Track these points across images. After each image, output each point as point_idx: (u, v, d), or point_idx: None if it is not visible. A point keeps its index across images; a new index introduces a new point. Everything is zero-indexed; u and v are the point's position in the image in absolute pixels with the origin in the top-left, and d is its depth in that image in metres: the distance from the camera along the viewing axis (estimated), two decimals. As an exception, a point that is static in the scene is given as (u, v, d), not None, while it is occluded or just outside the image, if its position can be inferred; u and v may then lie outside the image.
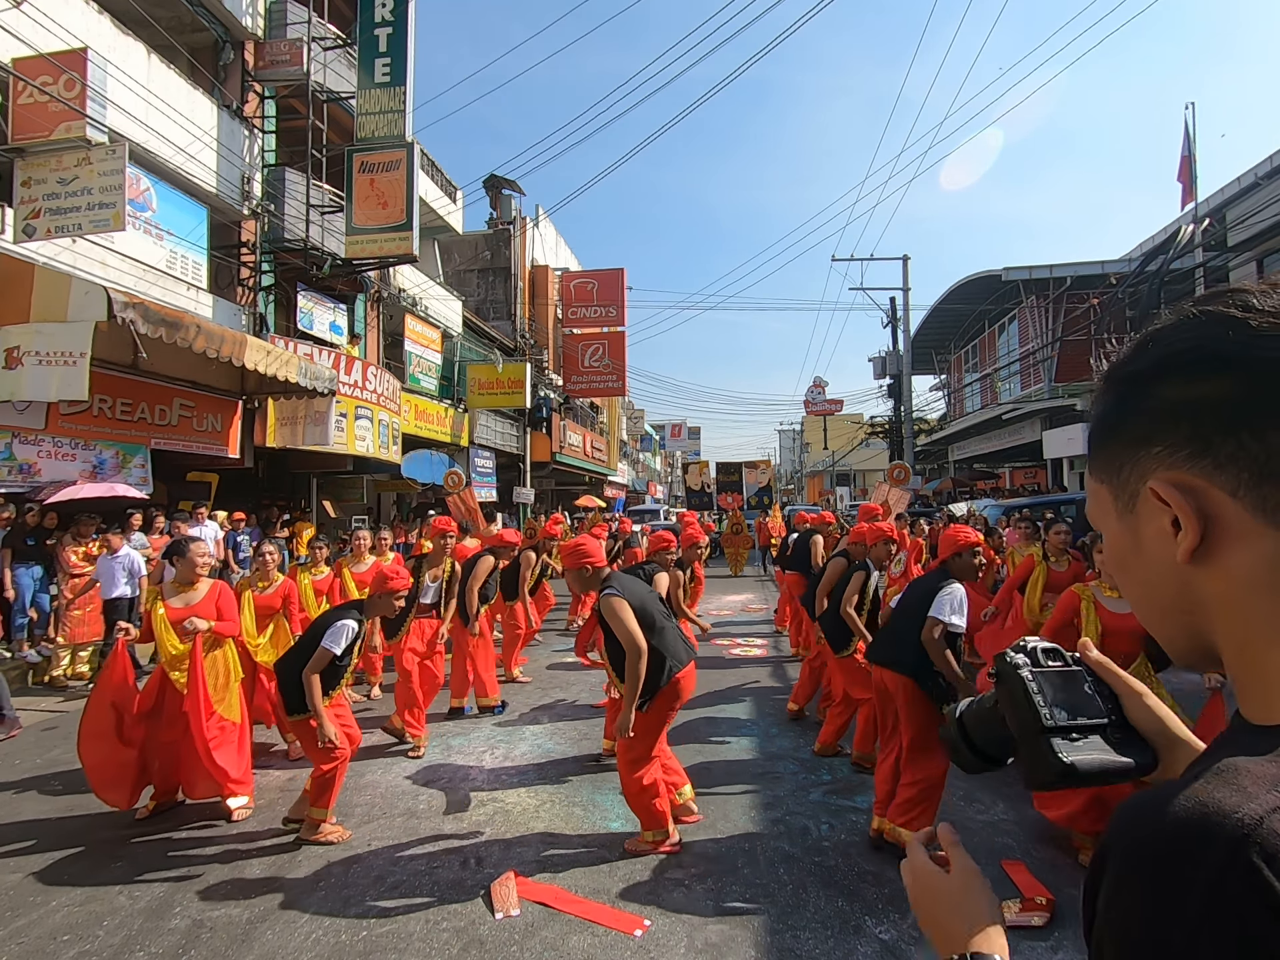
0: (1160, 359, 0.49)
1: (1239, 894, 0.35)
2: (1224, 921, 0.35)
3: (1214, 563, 0.47)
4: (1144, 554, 0.51)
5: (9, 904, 3.01)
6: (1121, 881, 0.41)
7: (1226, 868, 0.36)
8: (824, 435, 38.18)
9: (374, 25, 12.12)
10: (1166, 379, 0.48)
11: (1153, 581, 0.52)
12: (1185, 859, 0.37)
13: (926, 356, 26.61)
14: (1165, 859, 0.38)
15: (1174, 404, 0.47)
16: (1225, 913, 0.35)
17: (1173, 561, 0.48)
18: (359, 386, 12.07)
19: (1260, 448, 0.43)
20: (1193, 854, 0.37)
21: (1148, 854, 0.40)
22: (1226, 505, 0.45)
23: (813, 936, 2.72)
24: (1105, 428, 0.53)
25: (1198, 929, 0.36)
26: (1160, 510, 0.48)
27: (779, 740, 4.97)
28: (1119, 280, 12.82)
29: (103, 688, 3.72)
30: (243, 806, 3.84)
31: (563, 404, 23.96)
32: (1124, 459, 0.51)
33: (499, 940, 2.72)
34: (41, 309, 6.73)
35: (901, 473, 15.57)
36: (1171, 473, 0.47)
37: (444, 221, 16.27)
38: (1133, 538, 0.52)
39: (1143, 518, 0.51)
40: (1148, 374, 0.49)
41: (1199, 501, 0.46)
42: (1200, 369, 0.46)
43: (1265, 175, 11.57)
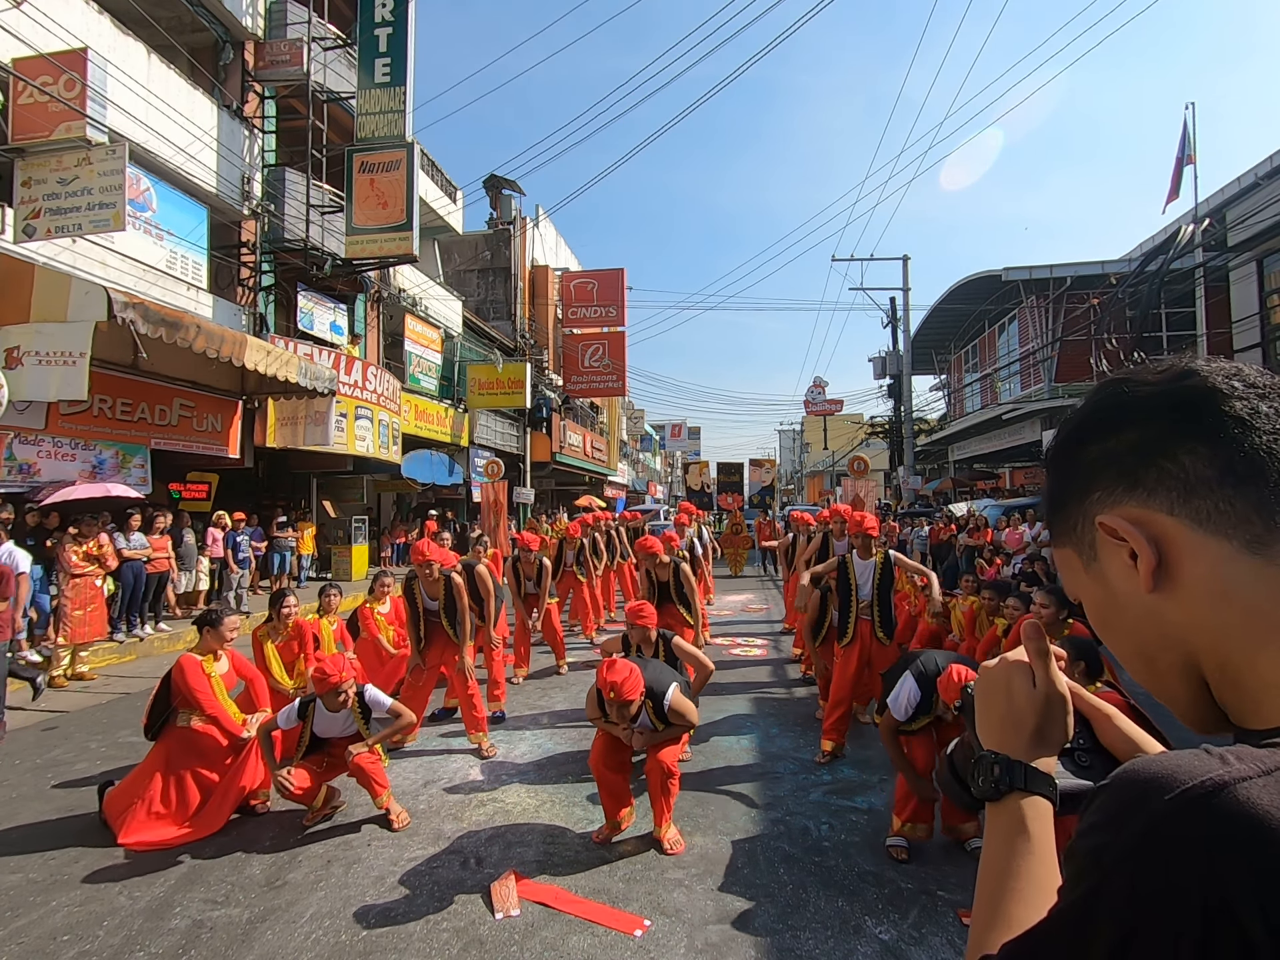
0: (1077, 425, 0.58)
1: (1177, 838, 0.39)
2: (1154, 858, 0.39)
3: (1176, 584, 0.51)
4: (1117, 599, 0.55)
5: (9, 904, 3.01)
6: (1090, 809, 0.45)
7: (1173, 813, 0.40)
8: (824, 435, 38.17)
9: (374, 25, 12.13)
10: (1087, 440, 0.56)
11: (1133, 627, 0.55)
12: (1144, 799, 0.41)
13: (926, 356, 26.59)
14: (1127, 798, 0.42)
15: (1097, 455, 0.55)
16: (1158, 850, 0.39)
17: (1143, 597, 0.52)
18: (359, 386, 12.08)
19: (1176, 467, 0.50)
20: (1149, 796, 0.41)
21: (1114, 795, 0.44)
22: (1168, 524, 0.51)
23: (813, 936, 2.72)
24: (1053, 500, 0.60)
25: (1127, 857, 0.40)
26: (1117, 546, 0.53)
27: (779, 740, 4.97)
28: (1119, 280, 12.81)
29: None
30: (262, 802, 3.91)
31: (563, 404, 23.96)
32: (1075, 516, 0.57)
33: (499, 940, 2.72)
34: (41, 309, 6.74)
35: (861, 464, 15.58)
36: (1115, 509, 0.53)
37: (444, 221, 16.27)
38: (1104, 587, 0.56)
39: (1104, 561, 0.55)
40: (1072, 441, 0.58)
41: (1146, 529, 0.51)
42: (1108, 422, 0.55)
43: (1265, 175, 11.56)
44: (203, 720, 3.79)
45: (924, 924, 2.78)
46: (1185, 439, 0.50)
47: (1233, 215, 11.89)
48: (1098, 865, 0.42)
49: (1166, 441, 0.51)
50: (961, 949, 2.63)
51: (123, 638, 7.77)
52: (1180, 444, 0.50)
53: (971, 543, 11.89)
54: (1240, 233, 11.43)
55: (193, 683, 3.73)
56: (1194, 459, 0.49)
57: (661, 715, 3.36)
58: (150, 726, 3.82)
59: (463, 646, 4.78)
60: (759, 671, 7.02)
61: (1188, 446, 0.50)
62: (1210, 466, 0.49)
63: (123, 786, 3.72)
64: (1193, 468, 0.49)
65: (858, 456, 16.06)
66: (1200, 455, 0.49)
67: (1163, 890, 0.39)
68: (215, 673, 3.91)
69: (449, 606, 4.84)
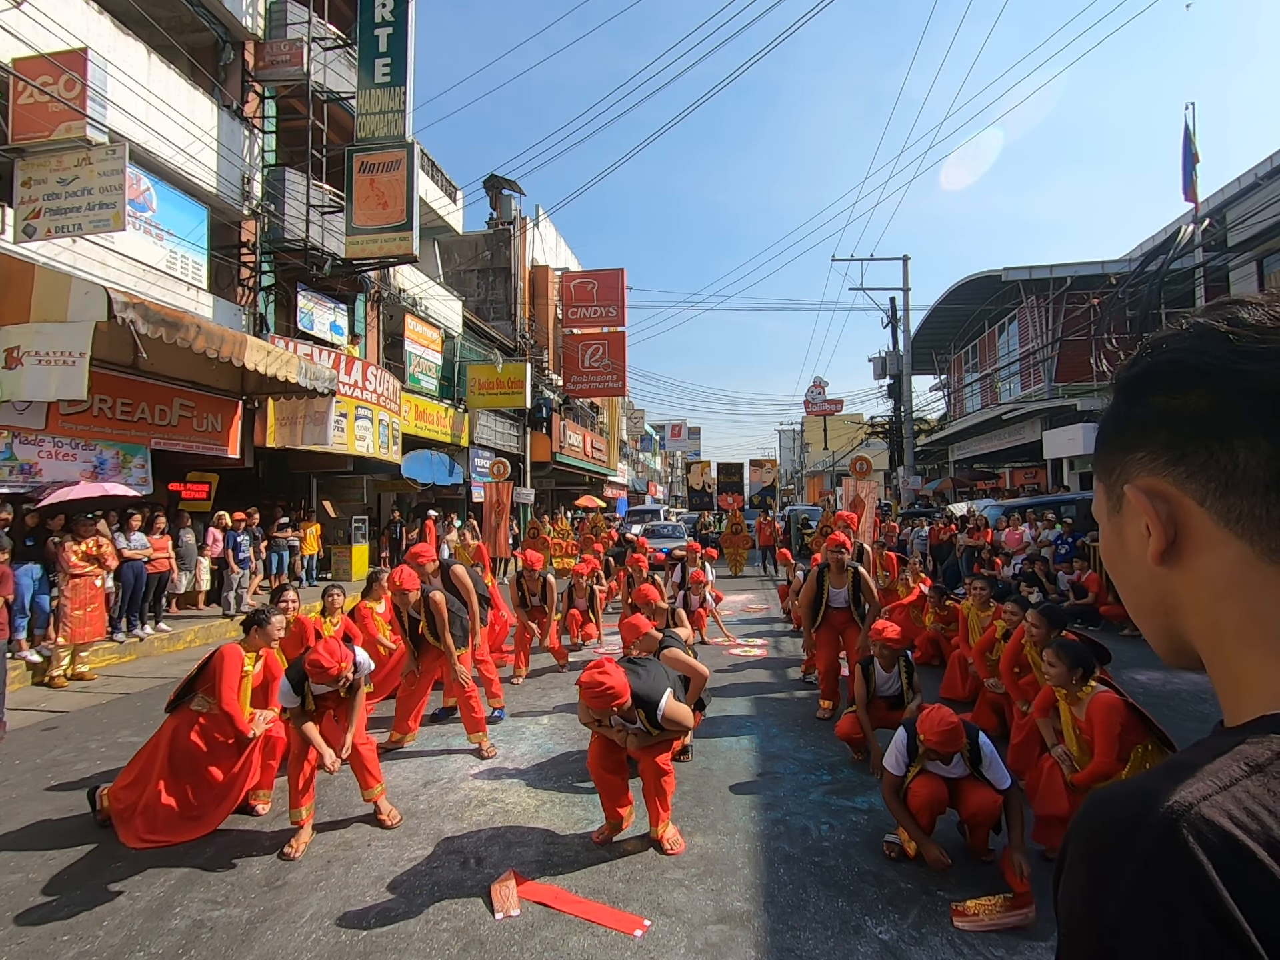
0: (1149, 368, 0.51)
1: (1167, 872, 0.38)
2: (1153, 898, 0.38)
3: (1184, 567, 0.49)
4: (1127, 555, 0.54)
5: (9, 904, 3.01)
6: (1073, 863, 0.44)
7: (1157, 849, 0.39)
8: (824, 435, 38.18)
9: (374, 25, 12.13)
10: (1153, 388, 0.51)
11: (1136, 583, 0.55)
12: (1122, 840, 0.41)
13: (926, 356, 26.60)
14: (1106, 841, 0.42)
15: (1157, 412, 0.50)
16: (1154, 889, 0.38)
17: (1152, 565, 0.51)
18: (359, 386, 12.07)
19: (1229, 459, 0.46)
20: (1128, 836, 0.40)
21: (1094, 837, 0.43)
22: (1195, 513, 0.48)
23: (813, 937, 2.72)
24: (1104, 431, 0.56)
25: (1129, 904, 0.39)
26: (1138, 514, 0.51)
27: (779, 740, 4.97)
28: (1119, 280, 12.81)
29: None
30: (263, 802, 3.92)
31: (563, 404, 23.96)
32: (1115, 462, 0.54)
33: (499, 940, 2.72)
34: (41, 309, 6.73)
35: (863, 464, 15.57)
36: (1149, 479, 0.50)
37: (444, 221, 16.27)
38: (1119, 538, 0.55)
39: (1126, 519, 0.54)
40: (1139, 381, 0.52)
41: (1170, 508, 0.49)
42: (1180, 380, 0.49)
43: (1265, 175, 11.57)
44: (216, 711, 3.79)
45: (924, 924, 2.78)
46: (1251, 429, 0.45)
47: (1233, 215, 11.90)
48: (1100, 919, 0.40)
49: (1229, 425, 0.46)
50: (962, 949, 2.63)
51: (123, 638, 7.77)
52: (1243, 433, 0.45)
53: (971, 543, 11.89)
54: (1240, 233, 11.44)
55: (227, 674, 3.74)
56: (1251, 454, 0.45)
57: (656, 723, 3.34)
58: (174, 702, 3.86)
59: (451, 657, 4.72)
60: (759, 672, 7.02)
61: (1250, 439, 0.45)
62: (1267, 467, 0.44)
63: (123, 784, 3.72)
64: (1246, 463, 0.45)
65: (860, 457, 16.03)
66: (1260, 452, 0.44)
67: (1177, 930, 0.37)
68: (251, 671, 3.94)
69: (430, 623, 4.79)
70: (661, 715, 3.31)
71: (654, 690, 3.36)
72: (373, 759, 3.76)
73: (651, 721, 3.34)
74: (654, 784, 3.41)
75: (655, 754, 3.42)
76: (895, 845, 3.29)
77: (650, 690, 3.36)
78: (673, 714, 3.35)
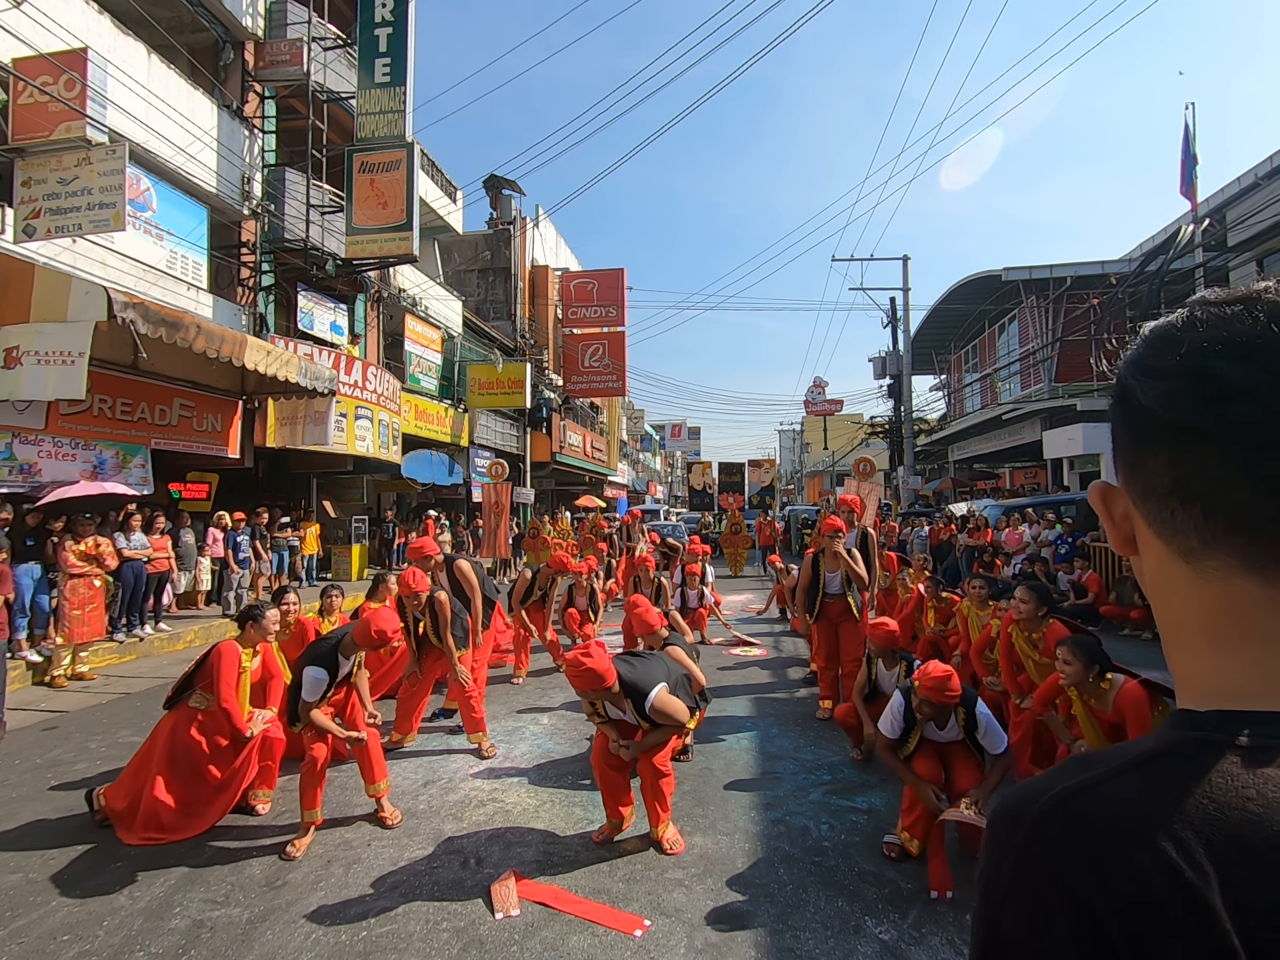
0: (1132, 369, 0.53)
1: (1036, 861, 0.43)
2: (1025, 884, 0.43)
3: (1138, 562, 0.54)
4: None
5: (9, 904, 3.01)
6: (983, 848, 0.48)
7: (1030, 840, 0.43)
8: (824, 435, 38.19)
9: (374, 25, 12.13)
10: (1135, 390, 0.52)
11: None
12: (1008, 831, 0.45)
13: (926, 356, 26.60)
14: (998, 831, 0.47)
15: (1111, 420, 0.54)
16: (1026, 876, 0.43)
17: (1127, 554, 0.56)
18: (359, 386, 12.07)
19: (1143, 466, 0.49)
20: (1012, 828, 0.45)
21: (991, 828, 0.48)
22: (1135, 513, 0.52)
23: (813, 936, 2.72)
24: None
25: (1009, 889, 0.44)
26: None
27: (779, 740, 4.97)
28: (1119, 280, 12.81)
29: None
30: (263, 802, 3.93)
31: (563, 404, 23.96)
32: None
33: (499, 940, 2.72)
34: (41, 309, 6.73)
35: (867, 466, 15.57)
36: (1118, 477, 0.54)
37: (444, 221, 16.27)
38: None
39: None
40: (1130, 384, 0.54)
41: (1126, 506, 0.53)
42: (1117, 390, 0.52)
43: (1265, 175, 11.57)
44: (214, 708, 3.79)
45: (924, 924, 2.78)
46: (1154, 439, 0.48)
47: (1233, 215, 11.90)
48: (990, 900, 0.45)
49: (1142, 435, 0.49)
50: (962, 949, 2.63)
51: (123, 638, 7.77)
52: (1150, 442, 0.48)
53: (971, 543, 11.89)
54: (1240, 233, 11.44)
55: (225, 670, 3.74)
56: (1157, 462, 0.48)
57: (644, 714, 3.33)
58: (172, 699, 3.87)
59: (452, 657, 4.72)
60: (759, 672, 7.02)
61: (1154, 447, 0.48)
62: (1167, 475, 0.47)
63: (122, 782, 3.73)
64: (1154, 470, 0.48)
65: (864, 458, 16.03)
66: (1162, 460, 0.47)
67: (1042, 912, 0.42)
68: (249, 668, 3.94)
69: (433, 624, 4.78)
70: (649, 707, 3.29)
71: (644, 681, 3.36)
72: (379, 754, 3.78)
73: (640, 712, 3.33)
74: (652, 785, 3.41)
75: (652, 755, 3.41)
76: (895, 845, 3.29)
77: (640, 680, 3.36)
78: (662, 706, 3.31)
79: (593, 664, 3.17)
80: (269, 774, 3.97)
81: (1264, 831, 0.39)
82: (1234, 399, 0.43)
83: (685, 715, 3.42)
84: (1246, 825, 0.39)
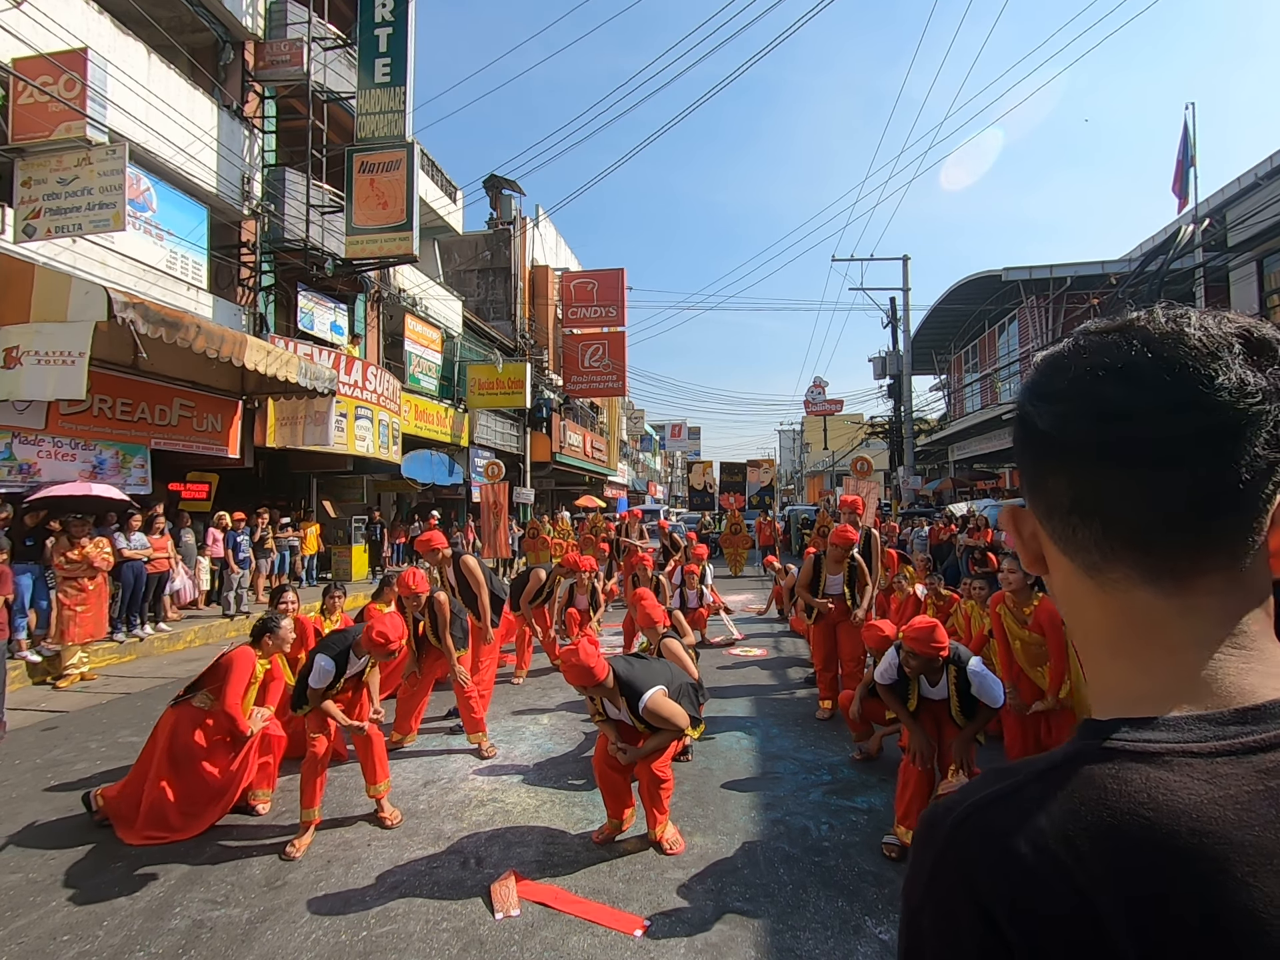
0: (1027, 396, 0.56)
1: (946, 868, 0.45)
2: (937, 889, 0.46)
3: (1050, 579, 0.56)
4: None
5: (9, 904, 3.01)
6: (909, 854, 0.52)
7: (942, 848, 0.46)
8: (824, 435, 38.16)
9: (374, 25, 12.13)
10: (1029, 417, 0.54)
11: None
12: (925, 839, 0.48)
13: (926, 356, 26.60)
14: (917, 839, 0.49)
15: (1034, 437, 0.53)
16: (938, 882, 0.46)
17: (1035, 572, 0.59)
18: (359, 386, 12.07)
19: (1044, 485, 0.51)
20: (929, 836, 0.48)
21: (914, 836, 0.50)
22: (1041, 532, 0.54)
23: (813, 937, 2.72)
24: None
25: (925, 893, 0.47)
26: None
27: (779, 740, 4.97)
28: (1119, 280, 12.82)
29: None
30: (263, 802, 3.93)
31: (563, 404, 23.95)
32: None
33: (499, 940, 2.72)
34: (41, 309, 6.73)
35: (864, 465, 15.58)
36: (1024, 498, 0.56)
37: (444, 221, 16.27)
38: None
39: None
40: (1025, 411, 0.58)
41: (1033, 525, 0.55)
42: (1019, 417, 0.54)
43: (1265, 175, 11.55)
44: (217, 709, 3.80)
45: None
46: (1052, 459, 0.50)
47: (1233, 215, 11.88)
48: (909, 905, 0.48)
49: (1042, 455, 0.51)
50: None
51: (123, 638, 7.77)
52: (1049, 463, 0.50)
53: (971, 543, 11.88)
54: (1240, 233, 11.43)
55: (236, 677, 3.76)
56: (1056, 481, 0.50)
57: (637, 713, 3.33)
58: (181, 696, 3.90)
59: (451, 657, 4.71)
60: (759, 672, 7.02)
61: (1053, 467, 0.50)
62: (1066, 493, 0.49)
63: (125, 782, 3.73)
64: (1054, 489, 0.50)
65: (860, 457, 16.04)
66: (1061, 479, 0.50)
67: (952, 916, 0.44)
68: (259, 678, 3.98)
69: (433, 624, 4.77)
70: (643, 707, 3.29)
71: (642, 681, 3.37)
72: (382, 753, 3.79)
73: (634, 712, 3.33)
74: (649, 790, 3.41)
75: (650, 761, 3.40)
76: (895, 846, 3.29)
77: (637, 680, 3.37)
78: (656, 708, 3.31)
79: (581, 659, 3.23)
80: (269, 774, 3.97)
81: (1154, 835, 0.40)
82: (1119, 419, 0.46)
83: (683, 721, 3.40)
84: (1137, 829, 0.40)
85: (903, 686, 3.57)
